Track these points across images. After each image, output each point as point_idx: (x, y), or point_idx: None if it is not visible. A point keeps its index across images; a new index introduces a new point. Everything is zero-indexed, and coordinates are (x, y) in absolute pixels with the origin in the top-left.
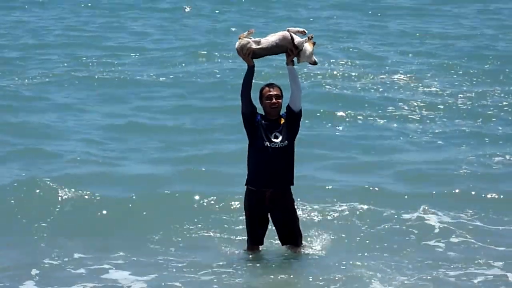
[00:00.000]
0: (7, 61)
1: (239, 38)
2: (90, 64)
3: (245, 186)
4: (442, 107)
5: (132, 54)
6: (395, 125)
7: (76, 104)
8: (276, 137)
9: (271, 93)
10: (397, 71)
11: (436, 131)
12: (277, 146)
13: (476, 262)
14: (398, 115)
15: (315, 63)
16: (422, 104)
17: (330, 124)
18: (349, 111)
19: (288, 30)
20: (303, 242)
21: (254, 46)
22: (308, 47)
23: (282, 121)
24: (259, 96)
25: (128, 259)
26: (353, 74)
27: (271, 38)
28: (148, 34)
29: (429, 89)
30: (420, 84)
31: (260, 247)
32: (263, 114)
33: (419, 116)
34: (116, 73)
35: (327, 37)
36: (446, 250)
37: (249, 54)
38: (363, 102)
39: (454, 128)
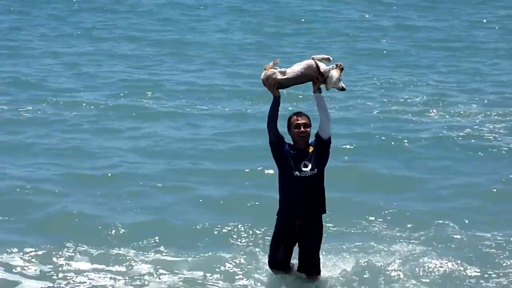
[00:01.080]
0: None
1: (264, 69)
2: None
3: (276, 216)
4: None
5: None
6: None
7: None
8: (306, 166)
9: (299, 121)
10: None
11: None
12: (307, 175)
13: None
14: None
15: (343, 89)
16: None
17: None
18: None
19: (312, 58)
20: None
21: (279, 76)
22: (334, 73)
23: (311, 149)
24: (287, 125)
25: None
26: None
27: (296, 68)
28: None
29: None
30: None
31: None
32: (291, 143)
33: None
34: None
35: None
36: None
37: (275, 85)
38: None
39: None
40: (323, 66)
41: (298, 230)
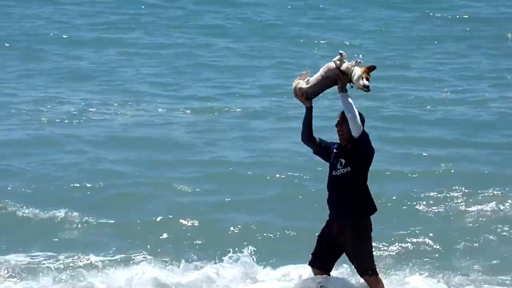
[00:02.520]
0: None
1: (294, 82)
2: None
3: None
4: None
5: None
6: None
7: None
8: (341, 164)
9: (337, 120)
10: None
11: None
12: (339, 174)
13: None
14: None
15: (364, 87)
16: None
17: None
18: None
19: (334, 61)
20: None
21: (304, 86)
22: (357, 71)
23: (349, 147)
24: None
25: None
26: None
27: (318, 73)
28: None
29: None
30: None
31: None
32: None
33: None
34: None
35: None
36: None
37: (303, 95)
38: None
39: None
40: (344, 65)
41: (336, 230)
